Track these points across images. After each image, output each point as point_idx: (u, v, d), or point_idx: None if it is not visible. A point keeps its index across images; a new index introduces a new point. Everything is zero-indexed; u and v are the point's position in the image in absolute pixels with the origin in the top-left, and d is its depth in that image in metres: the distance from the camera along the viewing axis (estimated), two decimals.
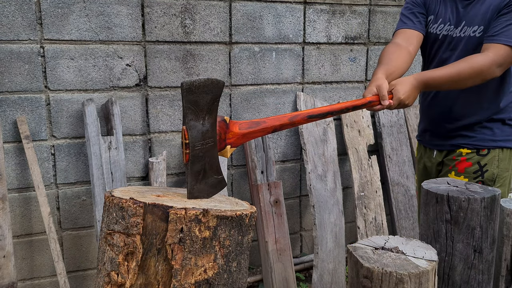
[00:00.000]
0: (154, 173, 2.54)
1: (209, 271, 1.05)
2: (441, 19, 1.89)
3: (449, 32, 1.87)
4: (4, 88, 2.35)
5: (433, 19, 1.92)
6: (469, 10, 1.82)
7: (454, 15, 1.86)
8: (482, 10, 1.78)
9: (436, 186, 1.39)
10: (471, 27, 1.80)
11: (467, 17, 1.82)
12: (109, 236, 1.06)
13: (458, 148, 1.93)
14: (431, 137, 2.03)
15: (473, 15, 1.80)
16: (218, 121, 1.24)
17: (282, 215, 2.84)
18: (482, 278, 1.33)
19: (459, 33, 1.84)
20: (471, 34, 1.80)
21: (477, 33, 1.78)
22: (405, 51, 1.83)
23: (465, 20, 1.82)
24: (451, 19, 1.87)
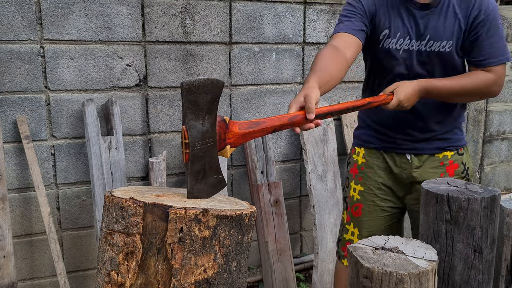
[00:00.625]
0: (154, 173, 2.54)
1: (209, 271, 1.05)
2: (399, 33, 1.75)
3: (411, 47, 1.76)
4: (4, 88, 2.35)
5: (388, 34, 1.77)
6: (431, 22, 1.73)
7: (413, 28, 1.74)
8: (447, 24, 1.72)
9: (436, 186, 1.39)
10: (439, 42, 1.73)
11: (431, 31, 1.73)
12: (109, 235, 1.06)
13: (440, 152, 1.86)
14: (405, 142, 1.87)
15: (438, 29, 1.72)
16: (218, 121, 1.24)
17: (282, 215, 2.84)
18: (482, 278, 1.33)
19: (425, 47, 1.75)
20: (441, 49, 1.74)
21: (447, 48, 1.73)
22: (343, 57, 1.62)
23: (430, 34, 1.73)
24: (411, 33, 1.74)
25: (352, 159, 2.01)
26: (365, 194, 1.93)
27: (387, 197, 1.92)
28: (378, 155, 1.92)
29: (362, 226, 1.94)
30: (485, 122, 3.80)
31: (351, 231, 1.98)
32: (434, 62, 1.76)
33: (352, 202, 1.97)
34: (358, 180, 1.95)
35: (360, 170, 1.96)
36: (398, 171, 1.89)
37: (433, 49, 1.74)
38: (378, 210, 1.92)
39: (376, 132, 1.91)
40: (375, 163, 1.92)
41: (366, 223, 1.93)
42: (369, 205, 1.93)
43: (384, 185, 1.91)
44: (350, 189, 1.98)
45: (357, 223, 1.95)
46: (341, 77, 1.60)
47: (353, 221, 1.97)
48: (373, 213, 1.92)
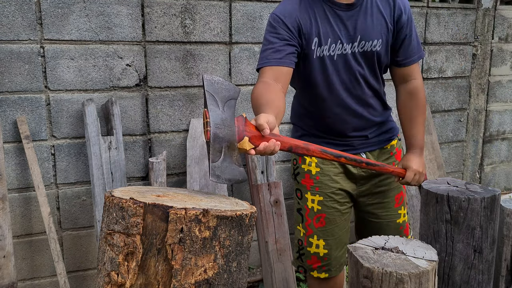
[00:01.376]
0: (154, 173, 2.54)
1: (209, 271, 1.05)
2: (330, 39, 1.70)
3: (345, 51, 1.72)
4: (4, 88, 2.35)
5: (319, 41, 1.70)
6: (358, 22, 1.72)
7: (343, 31, 1.71)
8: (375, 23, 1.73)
9: (436, 186, 1.39)
10: (370, 42, 1.73)
11: (361, 32, 1.71)
12: (109, 236, 1.06)
13: (387, 143, 1.94)
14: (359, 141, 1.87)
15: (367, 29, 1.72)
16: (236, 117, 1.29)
17: (282, 215, 2.84)
18: (482, 278, 1.33)
19: (357, 48, 1.73)
20: (373, 49, 1.74)
21: (378, 47, 1.75)
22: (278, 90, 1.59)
23: (360, 35, 1.72)
24: (341, 37, 1.71)
25: (301, 169, 1.92)
26: (326, 203, 1.87)
27: (344, 199, 1.90)
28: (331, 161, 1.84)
29: (328, 235, 1.89)
30: (485, 122, 3.80)
31: (315, 244, 1.91)
32: (369, 62, 1.78)
33: (313, 213, 1.90)
34: (316, 191, 1.88)
35: (316, 179, 1.88)
36: (357, 171, 1.87)
37: (366, 49, 1.75)
38: (340, 215, 1.90)
39: (325, 138, 1.86)
40: (330, 169, 1.87)
41: (332, 230, 1.89)
42: (332, 212, 1.88)
43: (341, 190, 1.88)
44: (307, 201, 1.90)
45: (322, 234, 1.89)
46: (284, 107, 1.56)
47: (316, 233, 1.90)
48: (337, 219, 1.89)
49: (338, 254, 1.93)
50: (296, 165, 1.94)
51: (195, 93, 2.74)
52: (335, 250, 1.92)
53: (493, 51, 3.68)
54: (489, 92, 3.74)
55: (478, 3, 3.53)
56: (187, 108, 2.73)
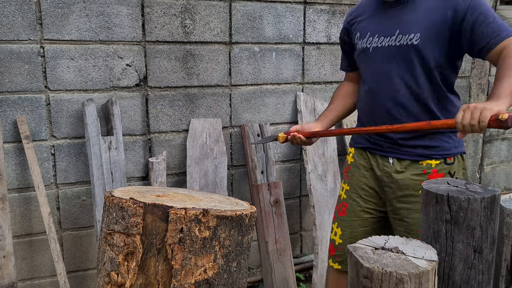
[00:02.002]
0: (154, 173, 2.54)
1: (209, 271, 1.05)
2: (369, 32, 1.77)
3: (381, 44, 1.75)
4: (4, 88, 2.35)
5: (360, 35, 1.81)
6: (401, 17, 1.70)
7: (383, 25, 1.74)
8: (417, 18, 1.67)
9: (436, 186, 1.39)
10: (406, 35, 1.68)
11: (400, 25, 1.70)
12: (109, 236, 1.06)
13: (423, 159, 1.77)
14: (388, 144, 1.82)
15: (407, 22, 1.68)
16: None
17: (282, 215, 2.84)
18: (482, 278, 1.33)
19: (394, 42, 1.71)
20: (408, 42, 1.68)
21: (414, 40, 1.66)
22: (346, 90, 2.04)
23: (399, 29, 1.70)
24: (380, 30, 1.74)
25: (346, 159, 2.07)
26: (350, 194, 1.93)
27: (370, 198, 1.89)
28: (364, 156, 1.91)
29: (344, 226, 1.92)
30: None
31: (334, 231, 1.97)
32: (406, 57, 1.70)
33: (340, 201, 1.98)
34: (346, 180, 1.97)
35: (348, 169, 1.97)
36: (380, 174, 1.84)
37: (402, 43, 1.70)
38: (361, 211, 1.89)
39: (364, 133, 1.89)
40: (361, 163, 1.91)
41: (348, 222, 1.91)
42: (353, 204, 1.91)
43: (368, 186, 1.88)
44: (341, 188, 2.03)
45: (341, 223, 1.94)
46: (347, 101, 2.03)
47: (337, 220, 1.96)
48: (356, 213, 1.90)
49: None
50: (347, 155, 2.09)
51: (195, 93, 2.74)
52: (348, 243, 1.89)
53: None
54: (489, 92, 3.74)
55: None
56: (187, 108, 2.73)
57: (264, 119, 2.94)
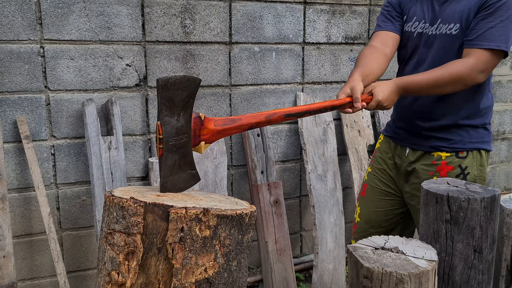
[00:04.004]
0: (154, 173, 2.54)
1: (210, 270, 1.05)
2: (416, 17, 1.86)
3: (424, 30, 1.83)
4: (4, 88, 2.35)
5: (407, 18, 1.90)
6: (445, 8, 1.78)
7: (429, 13, 1.82)
8: (458, 8, 1.74)
9: (436, 186, 1.39)
10: (446, 25, 1.76)
11: (443, 15, 1.78)
12: (109, 235, 1.06)
13: (435, 151, 1.85)
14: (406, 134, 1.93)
15: (449, 13, 1.76)
16: (193, 117, 1.25)
17: (282, 215, 2.84)
18: (482, 278, 1.33)
19: (435, 30, 1.80)
20: (447, 32, 1.75)
21: (453, 30, 1.74)
22: (381, 53, 1.84)
23: (441, 18, 1.78)
24: (426, 17, 1.82)
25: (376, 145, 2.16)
26: (371, 176, 2.05)
27: (388, 183, 2.01)
28: (388, 144, 2.02)
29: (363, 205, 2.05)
30: None
31: (356, 210, 2.11)
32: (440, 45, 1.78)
33: (363, 182, 2.11)
34: (371, 163, 2.10)
35: (375, 154, 2.09)
36: (399, 161, 1.96)
37: (442, 32, 1.78)
38: (379, 193, 2.02)
39: (392, 121, 2.03)
40: (385, 150, 2.03)
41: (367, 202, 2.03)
42: (372, 186, 2.04)
43: (387, 172, 2.01)
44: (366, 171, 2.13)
45: (361, 202, 2.08)
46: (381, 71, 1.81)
47: (359, 199, 2.10)
48: (375, 194, 2.02)
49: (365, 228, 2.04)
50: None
51: None
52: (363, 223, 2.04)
53: None
54: None
55: None
56: None
57: None
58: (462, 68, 1.67)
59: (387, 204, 2.01)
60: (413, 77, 1.73)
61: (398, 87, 1.71)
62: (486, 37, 1.66)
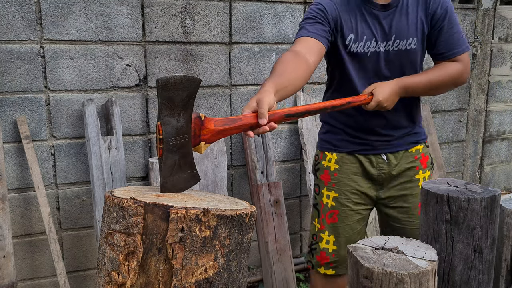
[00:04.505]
0: (154, 173, 2.54)
1: (210, 270, 1.05)
2: (365, 36, 1.75)
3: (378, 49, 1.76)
4: (4, 88, 2.35)
5: (354, 38, 1.75)
6: (394, 21, 1.75)
7: (378, 30, 1.75)
8: (410, 22, 1.75)
9: (436, 186, 1.39)
10: (404, 40, 1.76)
11: (396, 31, 1.75)
12: (109, 235, 1.06)
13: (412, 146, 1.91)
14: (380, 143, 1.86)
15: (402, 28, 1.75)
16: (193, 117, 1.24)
17: (282, 215, 2.84)
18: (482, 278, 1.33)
19: (392, 47, 1.77)
20: (407, 47, 1.76)
21: (413, 45, 1.76)
22: (304, 62, 1.57)
23: (395, 34, 1.75)
24: (376, 35, 1.75)
25: (321, 165, 1.95)
26: (340, 200, 1.90)
27: (360, 201, 1.91)
28: (352, 160, 1.89)
29: (339, 232, 1.91)
30: (485, 122, 3.80)
31: (325, 239, 1.93)
32: (401, 61, 1.78)
33: (327, 209, 1.93)
34: (332, 187, 1.91)
35: (334, 176, 1.91)
36: (376, 172, 1.88)
37: (400, 48, 1.77)
38: (353, 214, 1.91)
39: (349, 135, 1.88)
40: (349, 168, 1.89)
41: (342, 228, 1.91)
42: (345, 210, 1.90)
43: (357, 190, 1.89)
44: (323, 196, 1.94)
45: (333, 230, 1.92)
46: (301, 82, 1.54)
47: (328, 229, 1.92)
48: (349, 217, 1.91)
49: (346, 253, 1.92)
50: (318, 160, 1.99)
51: None
52: (343, 249, 1.92)
53: (493, 51, 3.68)
54: (489, 92, 3.74)
55: (478, 3, 3.53)
56: None
57: None
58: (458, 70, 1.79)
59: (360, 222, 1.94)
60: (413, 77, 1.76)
61: (399, 88, 1.72)
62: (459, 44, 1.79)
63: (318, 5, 1.74)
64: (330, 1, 1.76)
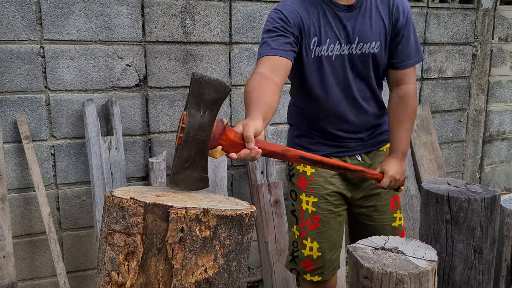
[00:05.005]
0: (154, 173, 2.54)
1: (210, 271, 1.05)
2: (329, 39, 1.69)
3: (343, 52, 1.72)
4: (4, 88, 2.35)
5: (317, 41, 1.69)
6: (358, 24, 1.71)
7: (342, 33, 1.71)
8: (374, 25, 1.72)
9: (436, 187, 1.39)
10: (368, 44, 1.73)
11: (359, 33, 1.71)
12: (109, 235, 1.06)
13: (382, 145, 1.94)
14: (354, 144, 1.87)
15: (366, 31, 1.72)
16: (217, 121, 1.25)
17: (282, 215, 2.84)
18: (482, 279, 1.33)
19: (355, 50, 1.73)
20: (370, 50, 1.74)
21: (376, 49, 1.74)
22: (273, 84, 1.53)
23: (358, 37, 1.71)
24: (340, 38, 1.71)
25: (296, 170, 1.91)
26: (321, 204, 1.86)
27: (338, 202, 1.90)
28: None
29: (322, 237, 1.88)
30: (485, 122, 3.80)
31: (309, 246, 1.89)
32: (366, 64, 1.77)
33: (307, 215, 1.88)
34: (310, 192, 1.87)
35: (310, 180, 1.87)
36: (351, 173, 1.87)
37: (364, 51, 1.74)
38: (335, 217, 1.89)
39: (323, 139, 1.86)
40: (325, 171, 1.84)
41: (326, 233, 1.88)
42: (326, 214, 1.87)
43: (335, 192, 1.88)
44: (302, 202, 1.89)
45: (316, 236, 1.88)
46: (276, 104, 1.52)
47: (310, 235, 1.88)
48: (331, 221, 1.88)
49: (332, 257, 1.91)
50: (291, 166, 1.94)
51: None
52: (328, 253, 1.90)
53: (493, 51, 3.68)
54: (489, 92, 3.74)
55: (478, 3, 3.53)
56: None
57: None
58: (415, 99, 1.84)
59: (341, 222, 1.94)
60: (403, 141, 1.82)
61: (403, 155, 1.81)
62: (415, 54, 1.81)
63: (279, 14, 1.67)
64: (291, 5, 1.69)
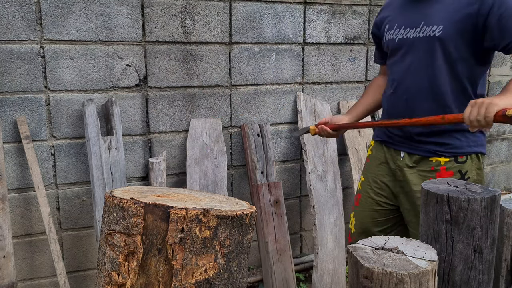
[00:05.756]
0: (154, 173, 2.54)
1: (210, 271, 1.05)
2: (397, 24, 1.82)
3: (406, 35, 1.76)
4: (4, 88, 2.35)
5: (388, 27, 1.86)
6: (427, 10, 1.72)
7: (410, 17, 1.76)
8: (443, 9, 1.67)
9: (436, 186, 1.39)
10: (430, 27, 1.69)
11: (425, 17, 1.71)
12: (109, 236, 1.06)
13: (433, 156, 1.77)
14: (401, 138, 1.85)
15: (431, 15, 1.69)
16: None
17: (282, 215, 2.84)
18: (482, 279, 1.33)
19: (419, 33, 1.72)
20: (431, 34, 1.68)
21: (437, 32, 1.66)
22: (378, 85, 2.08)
23: (424, 20, 1.71)
24: (407, 22, 1.76)
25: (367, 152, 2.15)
26: (364, 185, 1.99)
27: (381, 191, 1.92)
28: (380, 149, 1.96)
29: (358, 216, 1.99)
30: None
31: (351, 220, 2.05)
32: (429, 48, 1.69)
33: (357, 191, 2.06)
34: (364, 171, 2.04)
35: (367, 162, 2.04)
36: (394, 167, 1.89)
37: (425, 34, 1.70)
38: (372, 203, 1.94)
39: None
40: (377, 156, 1.96)
41: (360, 213, 1.97)
42: (365, 196, 1.97)
43: (380, 180, 1.92)
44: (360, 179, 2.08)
45: (355, 213, 2.02)
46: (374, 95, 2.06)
47: (354, 210, 2.04)
48: (367, 204, 1.96)
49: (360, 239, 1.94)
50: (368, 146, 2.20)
51: (195, 93, 2.74)
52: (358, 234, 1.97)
53: None
54: (489, 92, 3.74)
55: None
56: (187, 108, 2.73)
57: (264, 119, 2.94)
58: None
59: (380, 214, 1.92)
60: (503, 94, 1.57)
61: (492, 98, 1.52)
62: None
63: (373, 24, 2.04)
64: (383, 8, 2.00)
